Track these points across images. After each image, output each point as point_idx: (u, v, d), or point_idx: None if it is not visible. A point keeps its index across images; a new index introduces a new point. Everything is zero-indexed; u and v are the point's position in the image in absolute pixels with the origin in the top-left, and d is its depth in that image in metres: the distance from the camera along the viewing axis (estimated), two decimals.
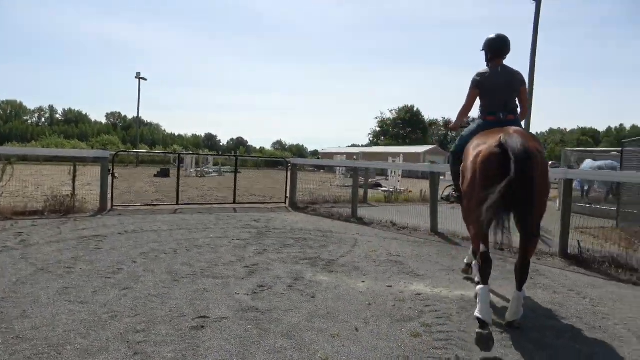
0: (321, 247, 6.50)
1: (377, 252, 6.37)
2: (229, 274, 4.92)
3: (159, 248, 6.00)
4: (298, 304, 4.03)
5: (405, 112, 72.73)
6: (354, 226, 8.64)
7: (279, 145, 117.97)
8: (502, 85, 4.42)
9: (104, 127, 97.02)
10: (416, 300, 4.29)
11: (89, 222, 7.95)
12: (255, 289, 4.43)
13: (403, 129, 71.94)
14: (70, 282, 4.39)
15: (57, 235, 6.62)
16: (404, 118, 72.27)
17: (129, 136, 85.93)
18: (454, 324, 3.71)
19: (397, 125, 72.66)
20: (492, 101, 4.43)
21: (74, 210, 8.93)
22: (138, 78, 44.11)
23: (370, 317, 3.79)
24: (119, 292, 4.17)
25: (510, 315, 3.65)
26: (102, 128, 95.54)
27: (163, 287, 4.37)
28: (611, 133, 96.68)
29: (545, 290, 4.82)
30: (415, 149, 44.70)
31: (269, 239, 6.99)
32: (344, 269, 5.32)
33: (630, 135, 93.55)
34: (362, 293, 4.44)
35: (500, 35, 4.57)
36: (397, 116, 73.49)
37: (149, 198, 12.25)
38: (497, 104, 4.40)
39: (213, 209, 10.44)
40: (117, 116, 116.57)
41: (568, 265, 6.01)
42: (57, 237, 6.52)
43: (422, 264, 5.80)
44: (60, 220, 7.95)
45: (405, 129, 71.77)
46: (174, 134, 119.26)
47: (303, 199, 12.01)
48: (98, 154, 9.81)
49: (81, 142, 61.14)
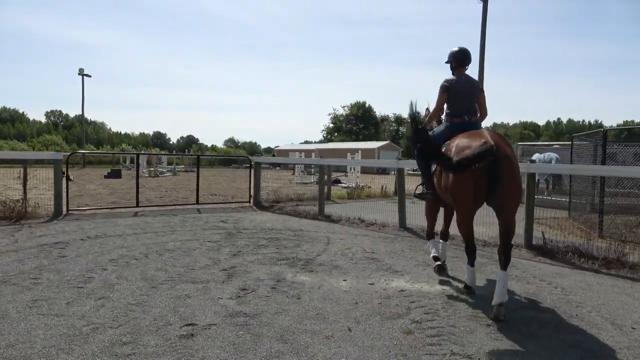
0: (295, 247, 6.45)
1: (351, 249, 6.39)
2: (208, 278, 4.78)
3: (128, 254, 5.76)
4: (285, 306, 3.97)
5: (358, 108, 73.35)
6: (323, 224, 8.64)
7: (231, 143, 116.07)
8: (466, 91, 4.92)
9: (43, 127, 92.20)
10: (401, 296, 4.33)
11: (45, 228, 7.52)
12: (239, 292, 4.33)
13: (356, 125, 72.55)
14: (39, 294, 4.13)
15: (13, 244, 6.22)
16: (357, 114, 72.87)
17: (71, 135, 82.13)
18: (442, 319, 3.77)
19: (350, 122, 73.21)
20: (458, 105, 4.89)
21: (26, 216, 8.43)
22: (81, 75, 42.15)
23: (359, 316, 3.79)
24: (94, 302, 3.96)
25: (497, 298, 3.85)
26: (41, 127, 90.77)
27: (141, 294, 4.19)
28: (550, 127, 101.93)
29: (519, 282, 4.99)
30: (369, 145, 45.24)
31: (241, 239, 6.86)
32: (323, 268, 5.30)
33: (568, 128, 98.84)
34: (347, 292, 4.43)
35: (462, 48, 5.05)
36: (350, 112, 74.02)
37: (105, 201, 11.75)
38: (462, 107, 4.88)
39: (176, 211, 10.14)
40: (58, 115, 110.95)
41: (534, 256, 6.25)
42: (14, 245, 6.12)
43: (397, 260, 5.87)
44: (13, 227, 7.48)
45: (358, 124, 72.43)
46: (120, 132, 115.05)
47: (267, 197, 11.88)
48: (51, 155, 9.26)
49: (20, 143, 57.63)
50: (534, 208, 6.86)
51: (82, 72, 41.75)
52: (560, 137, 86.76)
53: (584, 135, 10.67)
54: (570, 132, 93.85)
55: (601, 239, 7.21)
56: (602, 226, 7.92)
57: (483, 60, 19.23)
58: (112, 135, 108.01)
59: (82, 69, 41.71)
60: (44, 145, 53.30)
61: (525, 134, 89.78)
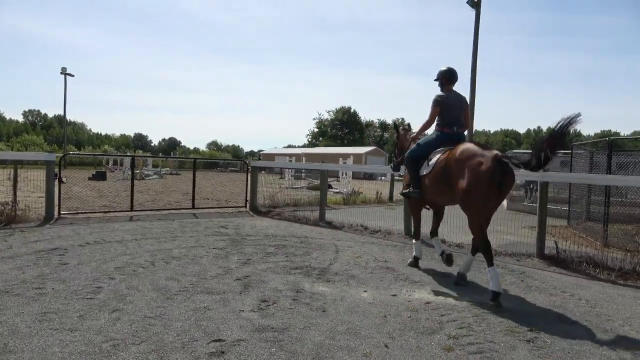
0: (305, 255, 6.25)
1: (362, 258, 6.22)
2: (223, 288, 4.56)
3: (133, 261, 5.49)
4: (312, 320, 3.78)
5: (343, 113, 73.53)
6: (326, 231, 8.45)
7: (214, 146, 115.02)
8: (455, 105, 5.54)
9: (21, 126, 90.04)
10: (428, 309, 4.17)
11: (38, 233, 7.18)
12: (260, 304, 4.12)
13: (341, 129, 72.67)
14: (47, 306, 3.86)
15: (8, 250, 5.89)
16: (342, 119, 73.05)
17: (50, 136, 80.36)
18: (478, 334, 3.62)
19: (335, 126, 73.28)
20: (448, 117, 5.50)
21: (16, 220, 8.06)
22: (64, 74, 41.19)
23: (392, 331, 3.62)
24: (109, 315, 3.71)
25: (495, 287, 4.41)
26: (18, 127, 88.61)
27: (157, 306, 3.95)
28: (531, 135, 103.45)
29: (542, 293, 4.88)
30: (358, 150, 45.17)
31: (247, 246, 6.63)
32: (340, 278, 5.11)
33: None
34: (371, 304, 4.26)
35: (450, 68, 5.68)
36: (335, 117, 74.12)
37: (95, 204, 11.38)
38: (452, 119, 5.50)
39: (172, 215, 9.84)
40: (36, 114, 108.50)
41: (547, 266, 6.17)
42: (9, 251, 5.80)
43: (412, 269, 5.72)
44: (4, 232, 7.12)
45: (343, 129, 72.56)
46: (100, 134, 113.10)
47: (263, 202, 11.65)
48: (44, 156, 8.90)
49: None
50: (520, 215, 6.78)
51: (65, 71, 40.78)
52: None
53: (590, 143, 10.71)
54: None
55: (607, 249, 7.18)
56: (607, 235, 7.91)
57: (475, 66, 19.31)
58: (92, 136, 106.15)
59: (64, 68, 40.77)
60: (23, 146, 51.95)
61: (507, 141, 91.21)
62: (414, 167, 5.52)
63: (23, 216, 8.29)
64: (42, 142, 55.97)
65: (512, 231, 9.08)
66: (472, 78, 19.43)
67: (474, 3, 19.29)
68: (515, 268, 5.96)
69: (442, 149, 5.21)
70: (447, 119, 5.48)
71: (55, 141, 70.55)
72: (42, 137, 64.62)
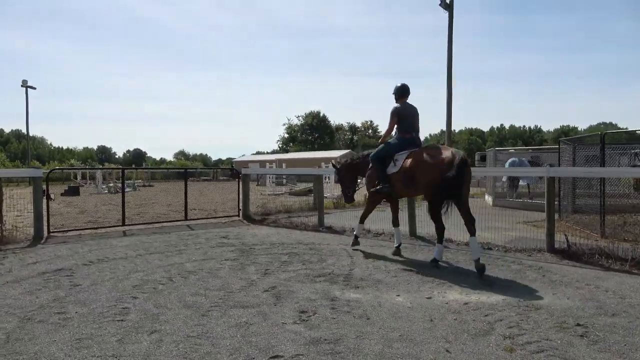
0: (321, 262, 6.14)
1: (378, 261, 6.16)
2: (255, 301, 4.40)
3: (148, 278, 5.25)
4: (361, 328, 3.68)
5: (312, 118, 73.49)
6: (329, 236, 8.35)
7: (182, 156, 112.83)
8: (410, 114, 6.54)
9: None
10: (470, 310, 4.14)
11: (34, 253, 6.80)
12: (300, 315, 3.99)
13: (311, 134, 72.66)
14: (78, 331, 3.62)
15: (8, 273, 5.55)
16: (311, 124, 73.01)
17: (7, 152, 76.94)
18: (531, 332, 3.60)
19: (305, 131, 73.20)
20: (406, 125, 6.51)
21: (4, 241, 7.62)
22: (25, 87, 39.47)
23: (445, 335, 3.56)
24: (148, 337, 3.52)
25: (475, 254, 5.42)
26: None
27: (195, 324, 3.77)
28: (494, 132, 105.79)
29: (567, 286, 4.92)
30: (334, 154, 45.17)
31: (259, 256, 6.47)
32: (367, 283, 5.03)
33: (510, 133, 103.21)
34: (411, 308, 4.19)
35: (404, 84, 6.69)
36: (305, 122, 74.02)
37: (79, 220, 10.91)
38: (409, 126, 6.52)
39: (166, 228, 9.53)
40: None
41: (560, 260, 6.26)
42: (10, 275, 5.46)
43: (432, 270, 5.68)
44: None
45: (313, 134, 72.57)
46: (62, 147, 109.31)
47: (256, 210, 11.45)
48: (30, 172, 8.48)
49: None
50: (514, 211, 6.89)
51: (26, 84, 39.04)
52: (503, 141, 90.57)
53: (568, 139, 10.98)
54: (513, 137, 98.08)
55: (605, 239, 7.35)
56: (604, 226, 8.11)
57: (450, 67, 19.63)
58: (53, 150, 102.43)
59: (25, 81, 38.97)
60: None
61: (473, 139, 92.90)
62: (381, 166, 6.49)
63: (10, 237, 7.85)
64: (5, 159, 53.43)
65: (510, 227, 9.21)
66: (449, 79, 19.70)
67: (447, 5, 19.61)
68: (530, 263, 6.02)
69: (406, 151, 6.27)
70: (405, 127, 6.50)
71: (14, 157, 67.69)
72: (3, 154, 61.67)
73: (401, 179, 6.20)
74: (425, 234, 8.12)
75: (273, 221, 10.32)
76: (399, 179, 6.24)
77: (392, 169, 6.36)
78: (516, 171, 11.93)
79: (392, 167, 6.36)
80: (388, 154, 6.48)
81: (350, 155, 7.64)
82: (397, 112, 6.52)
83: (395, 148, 6.44)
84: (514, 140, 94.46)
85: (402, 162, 6.20)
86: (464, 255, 6.58)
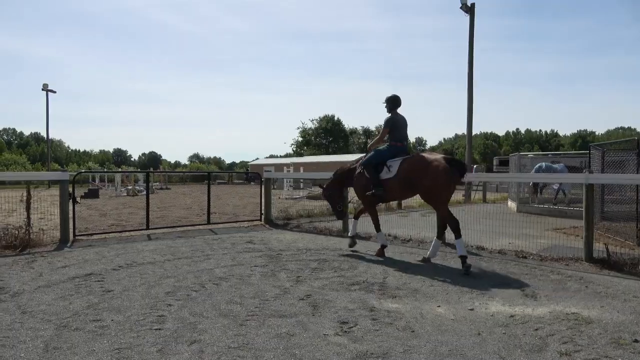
0: (351, 269, 6.01)
1: (411, 269, 6.01)
2: (292, 310, 4.28)
3: (180, 284, 5.17)
4: (407, 342, 3.54)
5: (327, 122, 73.20)
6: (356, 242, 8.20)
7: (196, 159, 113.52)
8: (402, 125, 7.01)
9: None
10: (518, 323, 3.97)
11: (61, 257, 6.77)
12: (341, 326, 3.86)
13: (325, 138, 72.44)
14: (117, 340, 3.53)
15: (39, 278, 5.51)
16: (326, 127, 72.73)
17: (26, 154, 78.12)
18: (587, 348, 3.42)
19: (319, 135, 72.99)
20: (398, 134, 6.96)
21: (31, 244, 7.61)
22: (45, 90, 39.94)
23: (497, 350, 3.40)
24: (189, 347, 3.41)
25: (461, 252, 5.96)
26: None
27: (235, 334, 3.66)
28: (510, 137, 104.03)
29: (614, 299, 4.72)
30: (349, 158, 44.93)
31: (288, 263, 6.35)
32: (404, 293, 4.88)
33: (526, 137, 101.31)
34: (455, 321, 4.04)
35: (395, 95, 7.03)
36: (319, 125, 73.75)
37: (101, 223, 10.91)
38: (400, 135, 6.98)
39: (190, 232, 9.48)
40: (12, 133, 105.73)
41: (600, 270, 6.04)
42: (41, 279, 5.42)
43: (468, 279, 5.51)
44: (24, 258, 6.70)
45: (327, 138, 72.34)
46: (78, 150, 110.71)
47: (277, 214, 11.36)
48: (57, 176, 8.49)
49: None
50: None
51: (47, 87, 39.49)
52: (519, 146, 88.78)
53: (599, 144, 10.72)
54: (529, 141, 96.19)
55: None
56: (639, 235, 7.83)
57: (472, 71, 19.40)
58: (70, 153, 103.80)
59: (46, 85, 39.40)
60: (4, 165, 50.19)
61: (488, 143, 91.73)
62: (374, 171, 6.88)
63: (37, 240, 7.84)
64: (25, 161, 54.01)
65: (539, 234, 8.98)
66: (469, 83, 19.49)
67: (468, 8, 19.40)
68: (570, 273, 5.82)
69: (399, 158, 6.72)
70: (397, 136, 6.95)
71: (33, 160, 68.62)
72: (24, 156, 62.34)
73: (398, 183, 6.60)
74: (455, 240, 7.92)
75: (296, 226, 10.21)
76: (396, 183, 6.64)
77: (387, 175, 6.74)
78: (554, 177, 11.54)
79: (387, 172, 6.75)
80: (381, 160, 6.88)
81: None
82: (391, 122, 6.96)
83: (387, 155, 6.88)
84: (530, 144, 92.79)
85: (398, 168, 6.61)
86: (499, 263, 6.40)
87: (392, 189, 6.76)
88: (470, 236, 8.00)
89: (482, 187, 20.16)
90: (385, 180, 6.76)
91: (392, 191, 6.81)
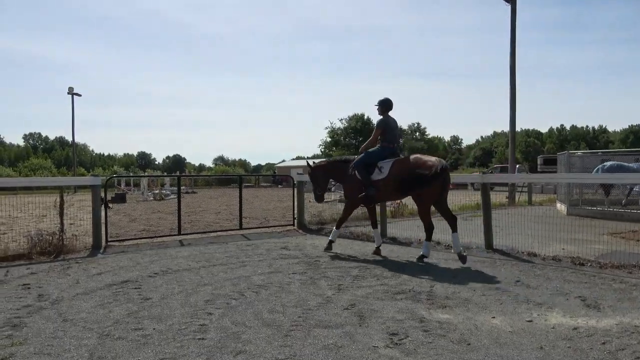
0: (395, 277, 5.77)
1: (459, 277, 5.73)
2: (338, 320, 4.08)
3: (218, 292, 5.02)
4: (464, 355, 3.29)
5: (356, 121, 71.39)
6: (396, 248, 7.97)
7: (221, 161, 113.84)
8: (393, 127, 7.30)
9: (22, 151, 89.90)
10: (583, 337, 3.67)
11: (95, 264, 6.73)
12: (391, 338, 3.64)
13: (355, 138, 70.75)
14: (161, 350, 3.40)
15: (76, 285, 5.45)
16: (355, 127, 71.06)
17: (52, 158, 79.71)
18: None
19: (349, 135, 71.46)
20: (390, 136, 7.19)
21: (64, 250, 7.59)
22: (71, 94, 40.25)
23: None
24: (234, 358, 3.25)
25: (456, 248, 6.53)
26: (20, 151, 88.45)
27: (280, 345, 3.48)
28: (554, 134, 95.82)
29: None
30: None
31: (328, 270, 6.15)
32: (454, 303, 4.62)
33: (572, 134, 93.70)
34: (513, 333, 3.77)
35: (387, 98, 7.33)
36: (348, 125, 72.03)
37: (132, 228, 10.92)
38: (393, 137, 7.23)
39: (222, 237, 9.38)
40: (37, 137, 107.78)
41: None
42: (79, 286, 5.36)
43: (522, 289, 5.18)
44: (60, 264, 6.69)
45: (357, 138, 70.61)
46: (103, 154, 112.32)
47: (310, 219, 11.18)
48: (89, 180, 8.51)
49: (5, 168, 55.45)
50: None
51: (72, 91, 39.94)
52: (564, 143, 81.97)
53: None
54: (575, 138, 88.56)
55: None
56: None
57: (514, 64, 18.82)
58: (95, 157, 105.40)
59: (71, 88, 39.66)
60: (30, 170, 51.38)
61: (530, 141, 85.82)
62: (366, 172, 7.07)
63: (70, 246, 7.82)
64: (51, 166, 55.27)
65: (595, 239, 8.45)
66: (512, 77, 18.89)
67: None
68: (635, 282, 5.40)
69: (390, 160, 6.94)
70: (389, 138, 7.17)
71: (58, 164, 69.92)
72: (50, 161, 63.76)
73: (390, 183, 6.82)
74: (503, 246, 7.60)
75: (330, 231, 9.99)
76: (387, 184, 6.86)
77: (379, 176, 6.94)
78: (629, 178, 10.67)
79: (378, 173, 6.95)
80: (372, 162, 7.08)
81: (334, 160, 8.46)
82: (383, 124, 7.20)
83: (379, 156, 7.07)
84: (576, 141, 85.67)
85: (390, 169, 6.83)
86: (554, 271, 6.05)
87: (382, 190, 6.95)
88: (519, 241, 7.67)
89: (527, 189, 19.48)
90: (376, 181, 6.94)
91: (383, 192, 7.00)
